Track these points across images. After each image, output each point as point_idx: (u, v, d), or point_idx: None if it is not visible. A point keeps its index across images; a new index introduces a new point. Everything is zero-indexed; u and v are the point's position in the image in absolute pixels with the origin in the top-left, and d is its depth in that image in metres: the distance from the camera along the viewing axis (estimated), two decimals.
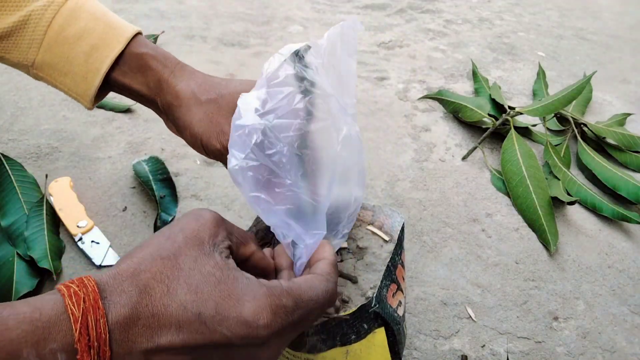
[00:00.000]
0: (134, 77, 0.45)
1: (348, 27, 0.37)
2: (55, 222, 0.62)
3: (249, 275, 0.29)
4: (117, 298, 0.26)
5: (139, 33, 0.46)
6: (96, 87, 0.45)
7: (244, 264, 0.33)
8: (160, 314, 0.27)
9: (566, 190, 0.76)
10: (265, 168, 0.34)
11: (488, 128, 0.87)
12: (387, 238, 0.46)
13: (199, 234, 0.30)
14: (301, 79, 0.35)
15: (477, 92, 1.01)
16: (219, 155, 0.40)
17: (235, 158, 0.33)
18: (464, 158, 0.82)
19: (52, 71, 0.45)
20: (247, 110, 0.34)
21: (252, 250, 0.33)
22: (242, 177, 0.33)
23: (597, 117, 0.98)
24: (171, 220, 0.66)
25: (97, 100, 0.48)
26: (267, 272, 0.35)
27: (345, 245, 0.46)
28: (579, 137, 0.86)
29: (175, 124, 0.44)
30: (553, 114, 0.88)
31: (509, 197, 0.75)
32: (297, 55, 0.35)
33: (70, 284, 0.26)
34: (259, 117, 0.34)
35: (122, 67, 0.45)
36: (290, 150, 0.34)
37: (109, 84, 0.47)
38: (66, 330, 0.24)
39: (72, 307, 0.25)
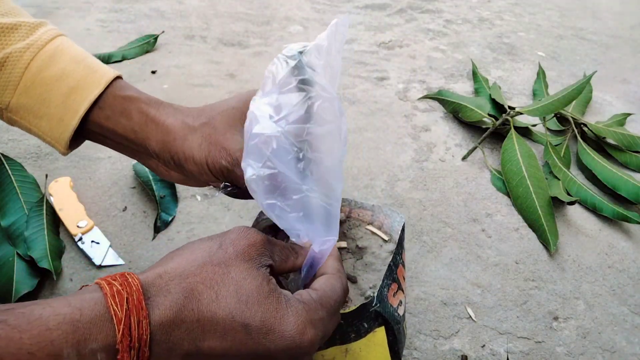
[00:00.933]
0: (118, 122, 0.42)
1: (341, 25, 0.37)
2: (55, 222, 0.62)
3: (287, 292, 0.31)
4: (162, 299, 0.27)
5: (120, 77, 0.44)
6: (72, 129, 0.41)
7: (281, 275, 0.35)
8: (205, 320, 0.27)
9: (566, 190, 0.75)
10: (281, 175, 0.34)
11: (488, 128, 0.87)
12: (386, 238, 0.46)
13: (249, 251, 0.31)
14: (309, 82, 0.35)
15: (477, 92, 1.01)
16: (227, 173, 0.39)
17: (251, 167, 0.33)
18: (464, 158, 0.82)
19: (27, 114, 0.41)
20: (262, 117, 0.34)
21: (291, 266, 0.35)
22: (259, 186, 0.34)
23: (597, 117, 0.98)
24: (171, 220, 0.66)
25: (73, 146, 0.44)
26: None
27: (344, 245, 0.46)
28: (579, 137, 0.86)
29: (175, 160, 0.41)
30: (553, 114, 0.88)
31: (509, 197, 0.75)
32: (301, 58, 0.35)
33: (113, 281, 0.26)
34: (274, 124, 0.34)
35: (105, 110, 0.42)
36: (305, 155, 0.34)
37: (89, 130, 0.43)
38: (107, 331, 0.24)
39: (115, 307, 0.25)
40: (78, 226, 0.62)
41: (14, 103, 0.41)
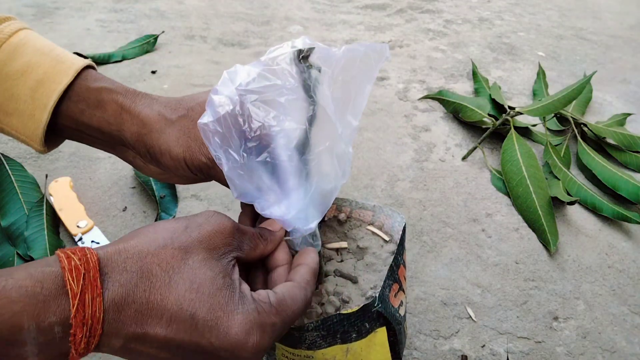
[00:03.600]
0: (93, 114, 0.39)
1: (374, 50, 0.36)
2: (55, 222, 0.62)
3: (245, 288, 0.30)
4: (118, 276, 0.27)
5: (92, 67, 0.41)
6: (44, 125, 0.38)
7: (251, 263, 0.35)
8: (154, 303, 0.27)
9: (566, 190, 0.76)
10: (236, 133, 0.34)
11: (488, 128, 0.87)
12: (387, 238, 0.46)
13: (214, 239, 0.30)
14: (302, 80, 0.35)
15: (477, 92, 1.01)
16: (206, 169, 0.38)
17: (206, 116, 0.34)
18: (464, 158, 0.82)
19: None
20: (228, 81, 0.35)
21: (260, 254, 0.34)
22: (207, 136, 0.34)
23: (597, 117, 0.98)
24: None
25: (51, 145, 0.42)
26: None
27: (345, 245, 0.46)
28: (579, 137, 0.86)
29: (151, 153, 0.39)
30: (553, 114, 0.88)
31: (509, 197, 0.75)
32: (301, 55, 0.35)
33: (72, 255, 0.26)
34: (236, 91, 0.34)
35: (78, 104, 0.39)
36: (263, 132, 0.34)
37: (64, 126, 0.40)
38: (64, 306, 0.25)
39: (72, 282, 0.25)
40: (78, 226, 0.62)
41: None
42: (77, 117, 0.39)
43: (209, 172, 0.38)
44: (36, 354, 0.24)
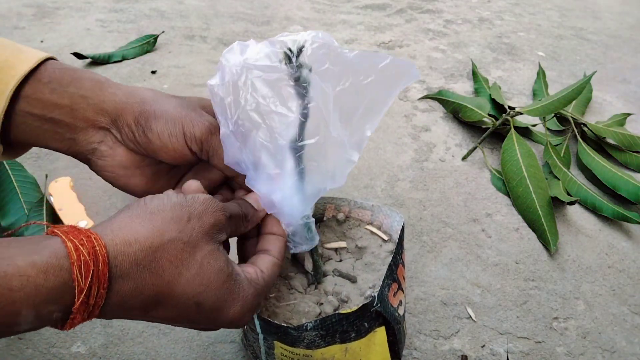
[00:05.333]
0: (64, 91, 0.36)
1: (399, 65, 0.35)
2: (55, 222, 0.62)
3: (238, 270, 0.32)
4: (127, 270, 0.27)
5: (54, 59, 0.38)
6: (1, 112, 0.35)
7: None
8: (162, 295, 0.28)
9: (566, 190, 0.75)
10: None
11: (488, 128, 0.87)
12: (386, 237, 0.46)
13: (214, 229, 0.31)
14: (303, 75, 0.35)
15: (477, 92, 1.01)
16: (206, 136, 0.36)
17: (215, 78, 0.35)
18: (464, 158, 0.82)
19: None
20: (238, 52, 0.36)
21: (241, 232, 0.36)
22: (214, 95, 0.35)
23: (597, 117, 0.98)
24: None
25: (11, 152, 0.38)
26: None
27: (344, 245, 0.46)
28: (579, 137, 0.86)
29: (141, 120, 0.36)
30: (553, 114, 0.88)
31: (509, 197, 0.75)
32: (291, 55, 0.35)
33: (80, 247, 0.25)
34: (244, 63, 0.35)
35: (49, 84, 0.36)
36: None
37: (24, 114, 0.36)
38: (68, 297, 0.25)
39: (80, 279, 0.25)
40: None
41: None
42: (45, 98, 0.36)
43: (206, 141, 0.36)
44: (28, 329, 0.25)
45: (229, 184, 0.41)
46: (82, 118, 0.37)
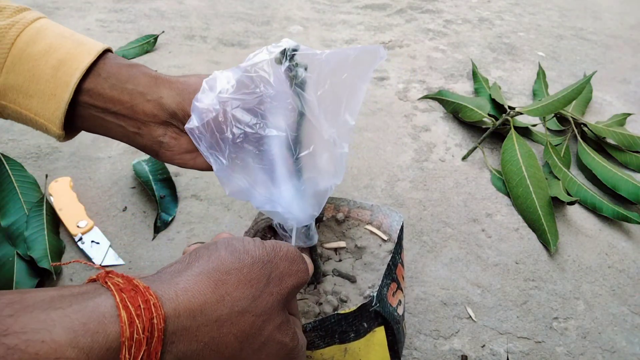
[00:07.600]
0: (124, 88, 0.39)
1: (367, 52, 0.37)
2: (55, 222, 0.62)
3: (302, 341, 0.30)
4: (184, 346, 0.24)
5: (110, 50, 0.42)
6: (66, 103, 0.38)
7: None
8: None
9: (566, 190, 0.75)
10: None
11: (488, 128, 0.87)
12: (385, 237, 0.46)
13: (290, 295, 0.29)
14: (289, 82, 0.35)
15: (477, 92, 1.01)
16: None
17: (192, 121, 0.36)
18: (464, 158, 0.82)
19: (17, 95, 0.39)
20: (208, 90, 0.36)
21: None
22: (196, 139, 0.36)
23: (597, 117, 0.98)
24: (171, 220, 0.66)
25: (69, 133, 0.41)
26: None
27: (343, 244, 0.46)
28: (579, 137, 0.86)
29: (176, 83, 0.40)
30: (553, 114, 0.88)
31: (509, 197, 0.75)
32: (286, 55, 0.35)
33: (136, 319, 0.22)
34: (217, 100, 0.35)
35: (108, 79, 0.39)
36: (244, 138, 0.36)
37: (87, 105, 0.40)
38: None
39: (127, 357, 0.22)
40: (78, 226, 0.62)
41: (2, 84, 0.39)
42: (105, 93, 0.39)
43: None
44: None
45: None
46: (142, 113, 0.40)
